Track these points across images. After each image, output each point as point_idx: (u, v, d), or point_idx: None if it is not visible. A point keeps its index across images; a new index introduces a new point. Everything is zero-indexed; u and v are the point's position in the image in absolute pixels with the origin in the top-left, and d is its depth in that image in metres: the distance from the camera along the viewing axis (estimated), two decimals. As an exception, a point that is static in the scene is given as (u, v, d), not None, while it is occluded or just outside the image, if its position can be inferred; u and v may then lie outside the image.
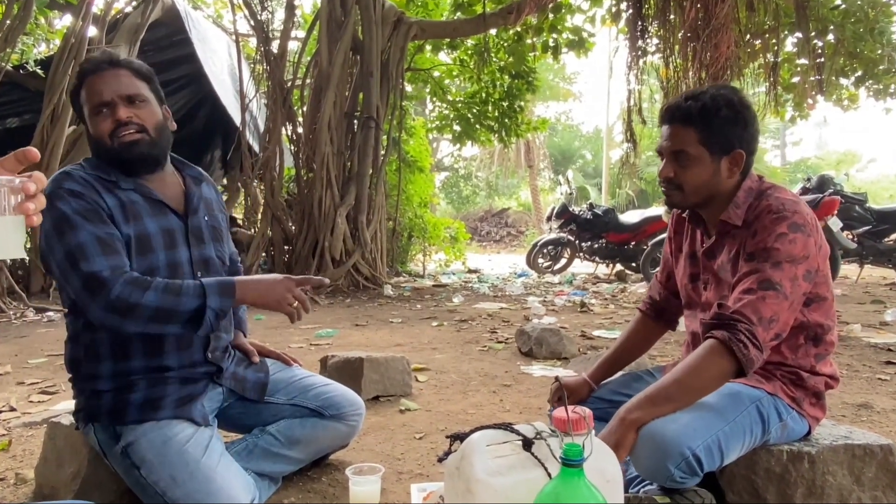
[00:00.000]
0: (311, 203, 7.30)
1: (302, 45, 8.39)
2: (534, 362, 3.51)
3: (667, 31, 6.09)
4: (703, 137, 1.57)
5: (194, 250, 1.70)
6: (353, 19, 7.37)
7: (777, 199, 1.54)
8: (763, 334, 1.40)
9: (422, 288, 7.43)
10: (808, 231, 1.49)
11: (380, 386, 2.78)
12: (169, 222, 1.66)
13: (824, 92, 9.24)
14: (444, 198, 24.46)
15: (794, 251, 1.46)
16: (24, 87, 6.96)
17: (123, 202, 1.59)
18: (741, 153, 1.58)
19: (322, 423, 1.88)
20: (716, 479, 1.60)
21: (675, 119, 1.61)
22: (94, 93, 1.60)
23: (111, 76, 1.61)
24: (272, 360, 1.98)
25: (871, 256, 6.98)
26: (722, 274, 1.61)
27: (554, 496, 0.98)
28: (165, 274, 1.61)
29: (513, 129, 9.89)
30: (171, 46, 7.67)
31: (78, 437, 1.73)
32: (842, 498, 1.54)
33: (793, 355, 1.58)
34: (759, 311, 1.41)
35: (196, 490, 1.47)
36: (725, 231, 1.62)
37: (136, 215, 1.59)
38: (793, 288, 1.45)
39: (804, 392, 1.59)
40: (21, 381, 3.28)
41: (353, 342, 4.24)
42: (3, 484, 1.97)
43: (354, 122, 7.66)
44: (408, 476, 1.96)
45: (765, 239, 1.49)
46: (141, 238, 1.59)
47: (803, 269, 1.47)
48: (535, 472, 1.08)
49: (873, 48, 8.40)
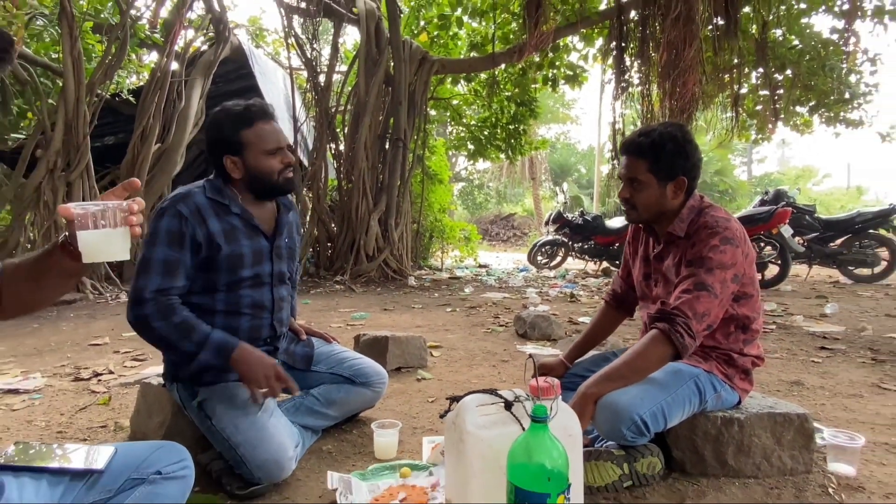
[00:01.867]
0: (350, 209, 7.33)
1: (344, 78, 8.41)
2: (527, 342, 3.53)
3: (645, 68, 6.08)
4: (651, 167, 1.61)
5: (275, 266, 1.74)
6: (386, 58, 7.40)
7: (713, 217, 1.58)
8: (696, 326, 1.46)
9: (439, 280, 7.42)
10: (737, 243, 1.53)
11: (401, 359, 2.81)
12: (259, 244, 1.70)
13: (782, 118, 9.12)
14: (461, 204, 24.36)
15: (724, 259, 1.51)
16: (119, 111, 7.00)
17: (228, 227, 1.63)
18: (684, 179, 1.62)
19: (354, 389, 1.92)
20: (664, 439, 1.64)
21: (630, 151, 1.65)
22: (271, 138, 1.66)
23: (276, 126, 1.69)
24: (316, 338, 2.03)
25: (819, 258, 6.89)
26: (668, 274, 1.65)
27: (525, 445, 1.04)
28: (249, 283, 1.67)
29: (518, 148, 9.82)
30: (237, 79, 7.70)
31: (164, 393, 1.78)
32: (765, 455, 1.58)
33: (725, 341, 1.63)
34: (694, 308, 1.46)
35: (253, 436, 1.53)
36: (671, 240, 1.66)
37: (235, 239, 1.64)
38: (722, 289, 1.50)
39: (735, 370, 1.64)
40: (117, 350, 3.36)
41: (381, 323, 4.26)
42: (105, 430, 2.06)
43: (386, 142, 7.66)
44: (421, 430, 2.00)
45: (701, 249, 1.53)
46: (234, 257, 1.63)
47: (731, 274, 1.52)
48: (513, 427, 1.14)
49: (825, 82, 8.26)
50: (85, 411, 2.27)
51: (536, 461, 1.01)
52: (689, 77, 4.99)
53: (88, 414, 2.24)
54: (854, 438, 1.63)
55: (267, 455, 1.51)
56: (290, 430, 1.66)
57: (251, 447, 1.51)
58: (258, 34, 10.06)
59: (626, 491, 1.50)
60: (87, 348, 3.49)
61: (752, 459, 1.58)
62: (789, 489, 1.51)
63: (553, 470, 1.01)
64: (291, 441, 1.61)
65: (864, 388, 2.50)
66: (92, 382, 2.69)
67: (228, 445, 1.54)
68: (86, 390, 2.56)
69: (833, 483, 1.54)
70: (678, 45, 4.88)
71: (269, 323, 1.75)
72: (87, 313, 4.84)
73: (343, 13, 7.67)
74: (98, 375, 2.81)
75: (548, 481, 1.00)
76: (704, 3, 5.22)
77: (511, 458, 1.04)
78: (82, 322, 4.43)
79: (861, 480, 1.57)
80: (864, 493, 1.50)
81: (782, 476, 1.57)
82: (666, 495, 1.50)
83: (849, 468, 1.60)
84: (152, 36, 7.29)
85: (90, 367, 2.94)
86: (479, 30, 8.59)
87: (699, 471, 1.59)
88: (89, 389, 2.57)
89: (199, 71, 7.10)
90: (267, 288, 1.73)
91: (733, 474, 1.57)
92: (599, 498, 1.47)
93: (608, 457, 1.52)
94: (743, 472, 1.57)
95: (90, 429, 2.08)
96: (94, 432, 2.04)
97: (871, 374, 2.73)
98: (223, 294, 1.65)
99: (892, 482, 1.57)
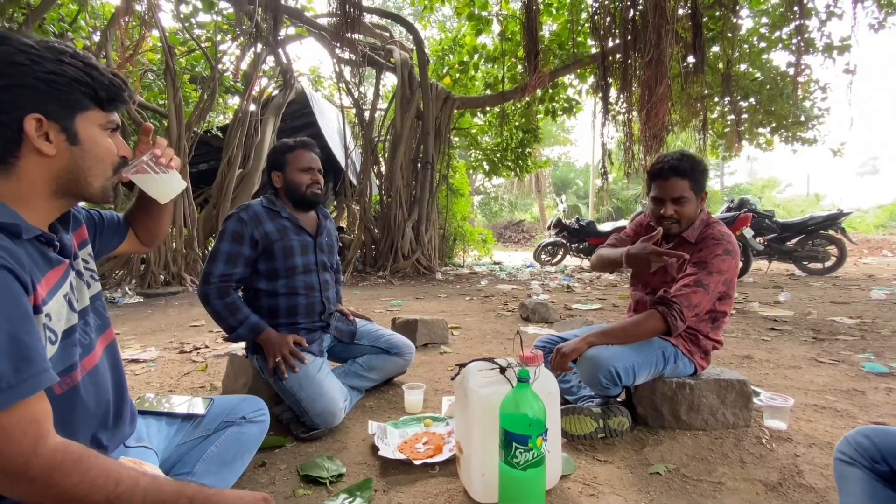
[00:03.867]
0: (389, 218, 7.39)
1: (384, 114, 8.51)
2: (529, 325, 3.53)
3: (627, 100, 6.02)
4: (692, 185, 1.59)
5: (318, 256, 1.83)
6: (417, 97, 7.44)
7: (719, 231, 1.60)
8: (687, 313, 1.49)
9: (461, 274, 7.42)
10: (734, 255, 1.55)
11: (428, 337, 2.85)
12: (305, 240, 1.79)
13: (747, 139, 8.88)
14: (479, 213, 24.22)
15: (723, 267, 1.53)
16: (210, 143, 7.14)
17: (280, 227, 1.73)
18: (706, 193, 1.64)
19: (389, 358, 1.97)
20: (631, 400, 1.68)
21: (677, 174, 1.57)
22: (305, 159, 1.76)
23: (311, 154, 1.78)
24: (360, 318, 2.07)
25: (777, 255, 6.69)
26: (670, 269, 1.66)
27: (513, 399, 1.11)
28: (301, 270, 1.75)
29: (525, 167, 9.74)
30: (300, 116, 7.78)
31: (246, 362, 1.84)
32: (711, 412, 1.61)
33: (696, 324, 1.64)
34: (689, 300, 1.49)
35: (314, 392, 1.60)
36: (681, 242, 1.65)
37: (286, 234, 1.73)
38: (714, 289, 1.52)
39: (697, 348, 1.66)
40: (210, 330, 3.46)
41: (413, 309, 4.30)
42: (203, 389, 2.15)
43: (418, 164, 7.69)
44: (441, 392, 2.05)
45: (707, 255, 1.55)
46: (286, 247, 1.73)
47: (724, 278, 1.54)
48: (505, 387, 1.19)
49: (783, 107, 8.01)
50: (188, 376, 2.37)
51: (521, 411, 1.08)
52: (661, 108, 4.93)
53: (191, 378, 2.34)
54: (786, 400, 1.66)
55: (323, 406, 1.59)
56: (341, 388, 1.73)
57: (311, 401, 1.59)
58: (316, 80, 10.23)
59: (600, 440, 1.55)
60: (189, 329, 3.60)
61: (701, 415, 1.61)
62: (730, 439, 1.54)
63: (534, 418, 1.07)
64: (341, 396, 1.69)
65: (804, 362, 2.47)
66: (193, 354, 2.79)
67: (295, 399, 1.61)
68: (188, 360, 2.67)
69: (766, 435, 1.57)
70: (651, 83, 4.84)
71: (320, 300, 1.82)
72: (188, 302, 4.99)
73: (383, 63, 7.79)
74: (197, 349, 2.90)
75: (529, 427, 1.07)
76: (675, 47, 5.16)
77: (502, 409, 1.10)
78: (184, 309, 4.57)
79: (790, 433, 1.59)
80: (791, 443, 1.53)
81: (725, 429, 1.60)
82: (631, 442, 1.54)
83: (781, 424, 1.62)
84: (235, 85, 7.50)
85: (191, 343, 3.04)
86: (491, 72, 8.58)
87: (658, 424, 1.62)
88: (191, 359, 2.68)
89: (271, 111, 7.26)
90: (314, 273, 1.81)
91: (686, 427, 1.60)
92: (579, 444, 1.52)
93: (587, 413, 1.57)
94: (693, 426, 1.61)
95: (192, 388, 2.18)
96: (195, 391, 2.14)
97: (810, 350, 2.69)
98: (283, 280, 1.73)
99: (815, 435, 1.58)
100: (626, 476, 1.35)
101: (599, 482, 1.31)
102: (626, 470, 1.38)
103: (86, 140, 0.79)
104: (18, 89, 0.72)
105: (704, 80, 6.20)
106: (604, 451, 1.49)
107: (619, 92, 6.04)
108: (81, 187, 0.80)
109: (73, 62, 0.77)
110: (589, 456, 1.46)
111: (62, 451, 0.65)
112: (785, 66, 7.61)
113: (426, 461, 1.38)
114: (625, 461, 1.43)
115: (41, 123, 0.74)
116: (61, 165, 0.77)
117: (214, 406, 1.18)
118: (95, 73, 0.79)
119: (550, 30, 7.84)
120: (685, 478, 1.33)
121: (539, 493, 1.11)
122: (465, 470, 1.24)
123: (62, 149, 0.77)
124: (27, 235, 0.73)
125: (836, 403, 1.87)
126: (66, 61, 0.76)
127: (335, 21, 6.18)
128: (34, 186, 0.76)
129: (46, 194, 0.78)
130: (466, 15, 7.66)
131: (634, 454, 1.47)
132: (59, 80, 0.75)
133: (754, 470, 1.37)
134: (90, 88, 0.78)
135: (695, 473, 1.35)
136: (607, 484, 1.30)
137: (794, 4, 6.37)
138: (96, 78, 0.79)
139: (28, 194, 0.76)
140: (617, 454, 1.47)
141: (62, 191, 0.79)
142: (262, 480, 1.34)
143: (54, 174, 0.77)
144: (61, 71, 0.75)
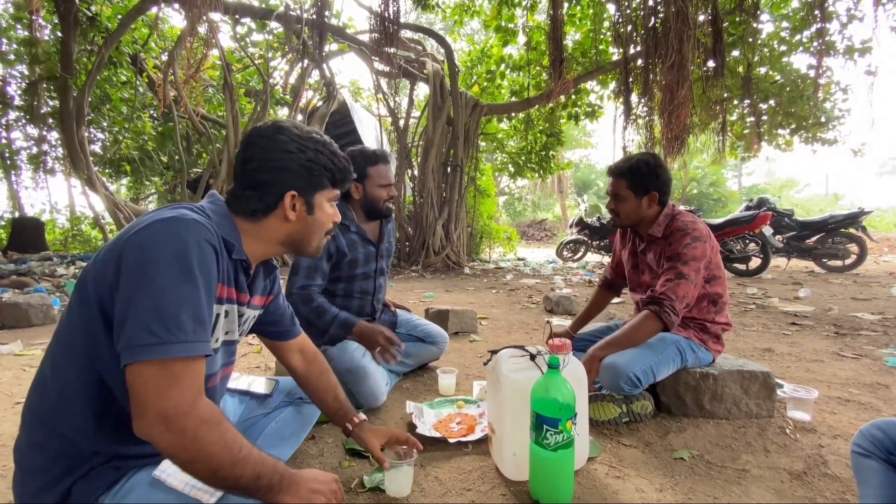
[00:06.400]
0: (422, 217, 7.41)
1: (417, 121, 8.53)
2: (553, 316, 3.49)
3: (648, 105, 5.82)
4: (629, 185, 1.59)
5: (378, 263, 1.83)
6: (448, 105, 7.44)
7: (683, 221, 1.55)
8: (678, 306, 1.44)
9: (488, 269, 7.37)
10: (703, 239, 1.50)
11: (458, 326, 2.85)
12: (369, 250, 1.79)
13: (766, 140, 8.44)
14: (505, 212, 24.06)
15: (695, 254, 1.48)
16: None
17: (350, 241, 1.74)
18: (655, 193, 1.59)
19: (424, 346, 1.98)
20: (655, 388, 1.63)
21: (613, 173, 1.64)
22: (386, 176, 1.75)
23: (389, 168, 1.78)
24: (399, 309, 2.09)
25: (796, 253, 6.35)
26: (652, 265, 1.63)
27: (543, 384, 1.09)
28: (361, 277, 1.76)
29: (548, 169, 9.58)
30: (342, 125, 7.88)
31: None
32: (735, 402, 1.55)
33: (700, 313, 1.59)
34: (675, 292, 1.45)
35: (360, 375, 1.61)
36: (652, 240, 1.63)
37: (354, 248, 1.75)
38: (696, 276, 1.47)
39: (708, 335, 1.60)
40: None
41: (444, 300, 4.30)
42: (259, 370, 2.19)
43: (448, 167, 7.69)
44: (472, 376, 2.04)
45: (677, 247, 1.51)
46: (352, 261, 1.74)
47: (701, 264, 1.49)
48: (535, 372, 1.17)
49: (804, 109, 7.58)
50: (245, 357, 2.43)
51: (552, 396, 1.06)
52: (682, 111, 4.72)
53: (248, 359, 2.40)
54: (810, 392, 1.57)
55: (367, 388, 1.61)
56: (383, 372, 1.74)
57: (357, 382, 1.61)
58: (356, 92, 10.37)
59: (625, 425, 1.51)
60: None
61: (724, 405, 1.55)
62: (754, 428, 1.47)
63: (563, 402, 1.05)
64: (383, 379, 1.70)
65: (826, 356, 2.33)
66: (249, 337, 2.74)
67: (343, 381, 1.59)
68: (245, 343, 2.72)
69: (790, 425, 1.49)
70: (673, 87, 4.64)
71: (371, 303, 1.84)
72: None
73: (416, 74, 7.82)
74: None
75: (559, 410, 1.05)
76: (696, 52, 4.94)
77: (533, 394, 1.09)
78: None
79: (814, 425, 1.51)
80: (815, 433, 1.45)
81: (749, 419, 1.53)
82: (655, 429, 1.50)
83: (805, 415, 1.54)
84: (284, 97, 7.70)
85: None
86: (517, 80, 8.46)
87: (682, 412, 1.57)
88: (248, 342, 2.73)
89: (316, 121, 7.40)
90: (372, 280, 1.82)
91: (709, 416, 1.55)
92: (604, 429, 1.49)
93: (611, 399, 1.53)
94: (716, 415, 1.55)
95: (249, 368, 2.22)
96: (252, 371, 2.19)
97: (832, 345, 2.54)
98: (343, 284, 1.76)
99: (840, 426, 1.50)
100: (650, 460, 1.30)
101: (625, 465, 1.28)
102: (650, 454, 1.34)
103: (319, 211, 0.91)
104: (287, 172, 0.85)
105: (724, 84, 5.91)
106: (628, 436, 1.45)
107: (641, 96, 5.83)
108: (304, 246, 0.93)
109: (324, 150, 0.89)
110: (614, 440, 1.43)
111: (212, 410, 0.69)
112: (805, 69, 7.19)
113: (460, 440, 1.38)
114: (649, 446, 1.39)
115: (294, 198, 0.87)
116: (296, 229, 0.89)
117: (279, 386, 1.23)
118: (336, 160, 0.91)
119: (574, 39, 7.66)
120: (709, 464, 1.28)
121: (568, 473, 1.09)
122: (497, 449, 1.23)
123: (301, 216, 0.89)
124: (236, 256, 0.84)
125: (860, 396, 1.76)
126: (321, 150, 0.88)
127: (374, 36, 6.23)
128: (269, 236, 0.88)
129: (273, 243, 0.90)
130: (494, 27, 7.58)
131: (658, 440, 1.42)
132: (314, 168, 0.87)
133: (778, 459, 1.30)
134: (331, 173, 0.90)
135: (718, 460, 1.30)
136: (632, 467, 1.27)
137: (814, 8, 6.00)
138: (337, 164, 0.91)
139: (261, 239, 0.88)
140: (641, 439, 1.43)
141: (287, 244, 0.91)
142: (312, 452, 1.37)
143: (288, 232, 0.89)
144: (317, 159, 0.88)
